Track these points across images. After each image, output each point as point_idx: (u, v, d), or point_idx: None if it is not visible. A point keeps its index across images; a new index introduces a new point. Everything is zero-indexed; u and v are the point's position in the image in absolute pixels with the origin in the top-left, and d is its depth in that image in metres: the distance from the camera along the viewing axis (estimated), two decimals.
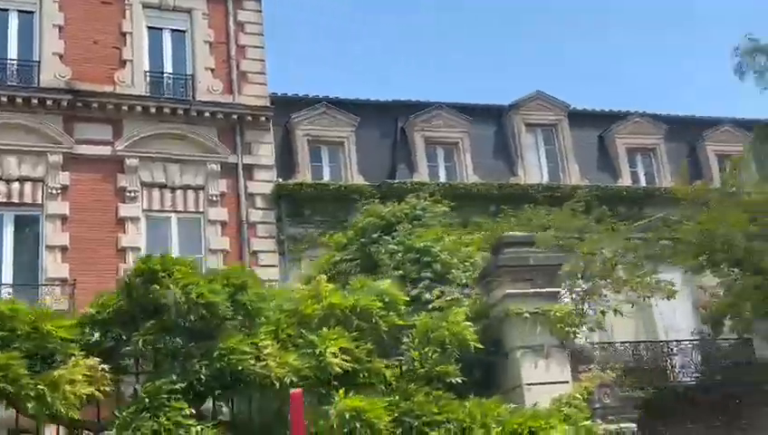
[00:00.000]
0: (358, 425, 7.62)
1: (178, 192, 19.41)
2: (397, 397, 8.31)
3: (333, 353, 7.91)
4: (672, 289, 17.30)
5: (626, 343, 20.56)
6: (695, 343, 20.94)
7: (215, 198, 19.59)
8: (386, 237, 11.33)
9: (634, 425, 9.31)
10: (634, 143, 23.99)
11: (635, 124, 24.05)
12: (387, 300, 8.65)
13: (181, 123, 19.78)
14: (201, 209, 19.47)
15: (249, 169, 20.18)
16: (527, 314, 8.92)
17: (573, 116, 23.61)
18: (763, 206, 19.23)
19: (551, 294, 9.24)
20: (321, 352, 7.90)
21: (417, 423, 8.15)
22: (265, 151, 20.51)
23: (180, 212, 19.35)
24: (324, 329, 8.17)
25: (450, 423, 8.20)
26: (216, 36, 21.00)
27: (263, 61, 21.23)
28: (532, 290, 9.08)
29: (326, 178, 21.47)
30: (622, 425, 8.96)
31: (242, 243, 19.49)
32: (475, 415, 8.20)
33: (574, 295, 16.93)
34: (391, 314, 8.71)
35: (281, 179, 20.51)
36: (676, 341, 20.96)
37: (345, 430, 7.68)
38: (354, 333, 8.36)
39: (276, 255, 19.80)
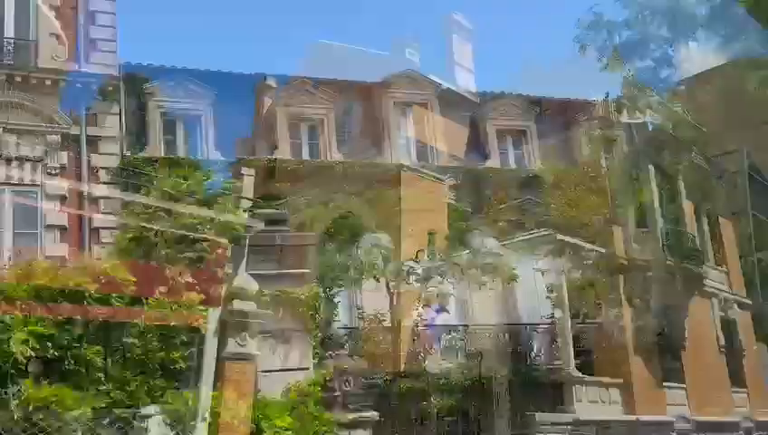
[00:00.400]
0: (43, 417, 6.96)
1: (14, 164, 18.34)
2: (110, 386, 7.69)
3: (21, 340, 7.19)
4: (514, 274, 17.05)
5: (484, 326, 20.28)
6: (554, 326, 20.76)
7: (54, 171, 18.56)
8: (161, 214, 10.60)
9: (376, 413, 8.84)
10: (505, 125, 23.67)
11: (506, 106, 23.73)
12: (104, 281, 7.95)
13: (19, 91, 18.66)
14: (38, 182, 18.46)
15: (93, 142, 19.17)
16: (268, 297, 8.34)
17: (444, 96, 23.14)
18: (619, 188, 19.27)
19: (299, 275, 8.68)
20: (7, 338, 7.18)
21: (127, 414, 7.55)
22: (112, 123, 19.49)
23: (15, 185, 18.28)
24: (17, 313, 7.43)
25: (165, 414, 7.63)
26: (64, 0, 19.85)
27: (113, 28, 20.10)
28: (275, 272, 8.50)
29: (181, 153, 20.57)
30: (363, 414, 8.47)
31: (82, 219, 18.58)
32: (191, 406, 7.64)
33: (414, 277, 16.62)
34: (113, 296, 8.03)
35: (129, 153, 19.56)
36: (536, 324, 20.76)
37: (33, 421, 7.03)
38: (62, 317, 7.66)
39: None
